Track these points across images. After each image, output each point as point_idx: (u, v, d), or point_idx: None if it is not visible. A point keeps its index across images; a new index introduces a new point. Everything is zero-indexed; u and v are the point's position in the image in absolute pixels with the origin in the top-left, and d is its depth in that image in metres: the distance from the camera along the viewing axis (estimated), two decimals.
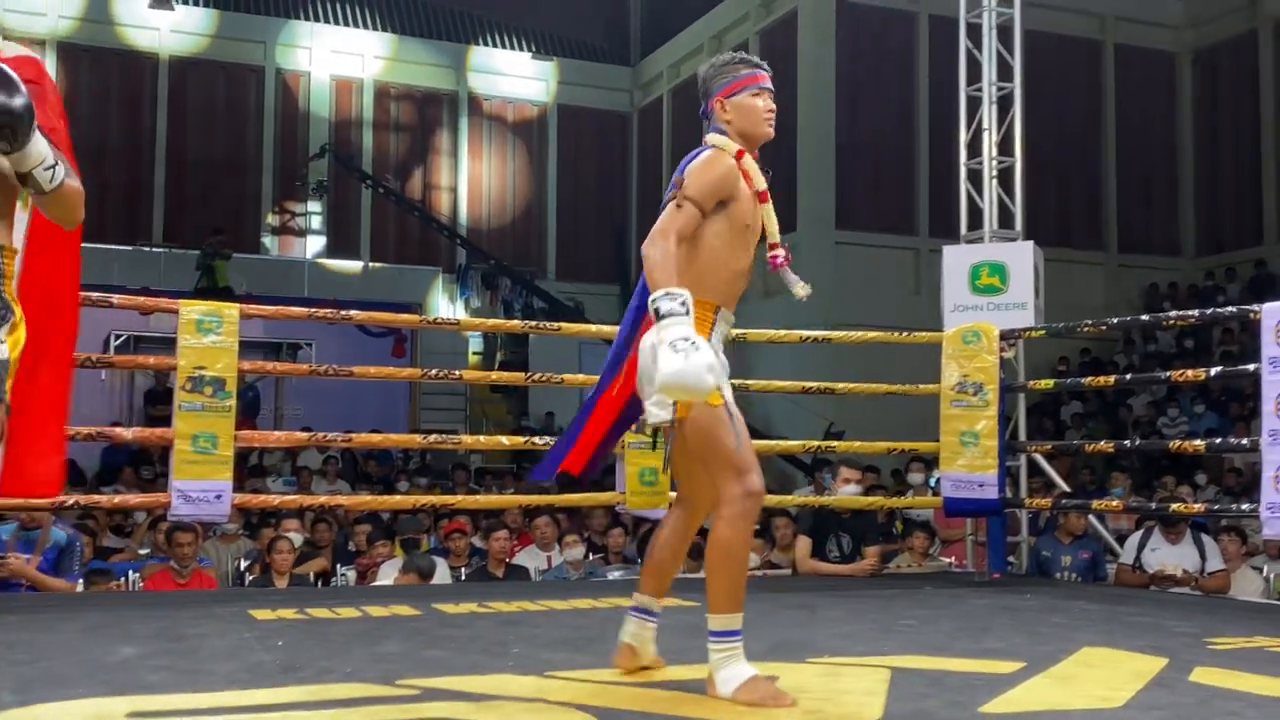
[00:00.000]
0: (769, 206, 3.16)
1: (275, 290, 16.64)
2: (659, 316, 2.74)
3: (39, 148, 2.46)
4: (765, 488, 2.97)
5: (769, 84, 3.22)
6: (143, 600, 5.51)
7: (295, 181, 20.25)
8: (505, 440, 7.16)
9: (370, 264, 20.20)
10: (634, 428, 3.41)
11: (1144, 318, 7.50)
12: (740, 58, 3.25)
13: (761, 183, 3.16)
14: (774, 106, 3.20)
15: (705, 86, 3.25)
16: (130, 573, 6.96)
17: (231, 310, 5.40)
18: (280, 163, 20.42)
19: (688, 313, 2.74)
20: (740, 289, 3.18)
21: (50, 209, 2.64)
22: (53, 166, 2.50)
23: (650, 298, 2.81)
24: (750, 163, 3.15)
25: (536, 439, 7.59)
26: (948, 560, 7.72)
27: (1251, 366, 5.38)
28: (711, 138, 3.18)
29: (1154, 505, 7.05)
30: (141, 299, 5.73)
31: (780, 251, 3.20)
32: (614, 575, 7.12)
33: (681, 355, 2.64)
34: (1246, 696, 3.08)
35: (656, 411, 2.89)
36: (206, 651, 3.60)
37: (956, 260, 7.40)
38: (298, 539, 7.45)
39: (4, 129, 2.38)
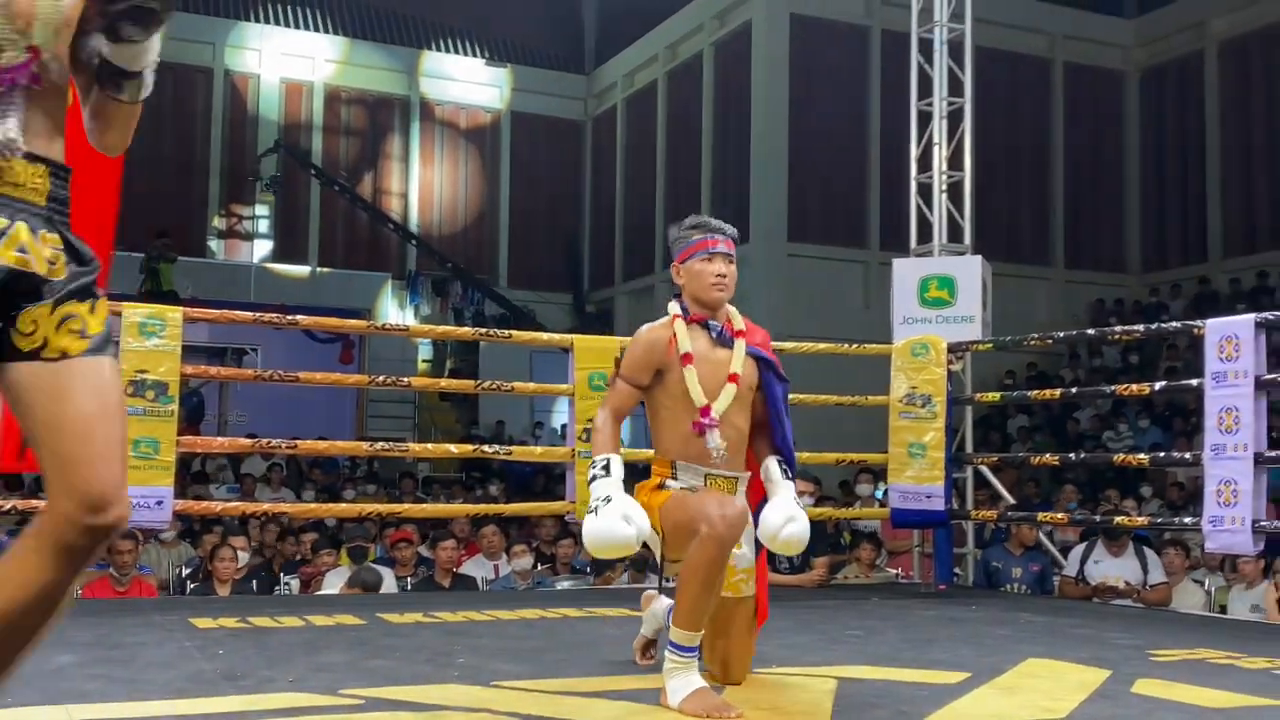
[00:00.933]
0: (690, 370, 3.20)
1: (221, 295, 16.48)
2: (589, 482, 3.07)
3: (158, 40, 1.95)
4: (741, 509, 3.02)
5: (723, 248, 3.29)
6: (80, 608, 5.41)
7: (249, 177, 20.04)
8: (454, 449, 7.12)
9: (318, 269, 20.05)
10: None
11: (1090, 332, 7.60)
12: (698, 222, 3.35)
13: (687, 345, 3.23)
14: (724, 271, 3.27)
15: (669, 251, 3.40)
16: None
17: (175, 314, 5.33)
18: (228, 166, 20.22)
19: (608, 473, 3.05)
20: (703, 446, 3.20)
21: (119, 125, 2.02)
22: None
23: None
24: (681, 328, 3.25)
25: (486, 447, 7.55)
26: (894, 571, 7.77)
27: (1195, 381, 5.47)
28: (670, 305, 3.36)
29: (1098, 518, 7.13)
30: None
31: (703, 420, 3.19)
32: (562, 585, 7.10)
33: (593, 514, 2.97)
34: (1189, 708, 3.12)
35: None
36: (145, 660, 3.54)
37: (906, 273, 7.46)
38: (244, 557, 7.37)
39: (150, 11, 1.87)
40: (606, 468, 3.06)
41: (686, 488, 3.17)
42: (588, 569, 7.66)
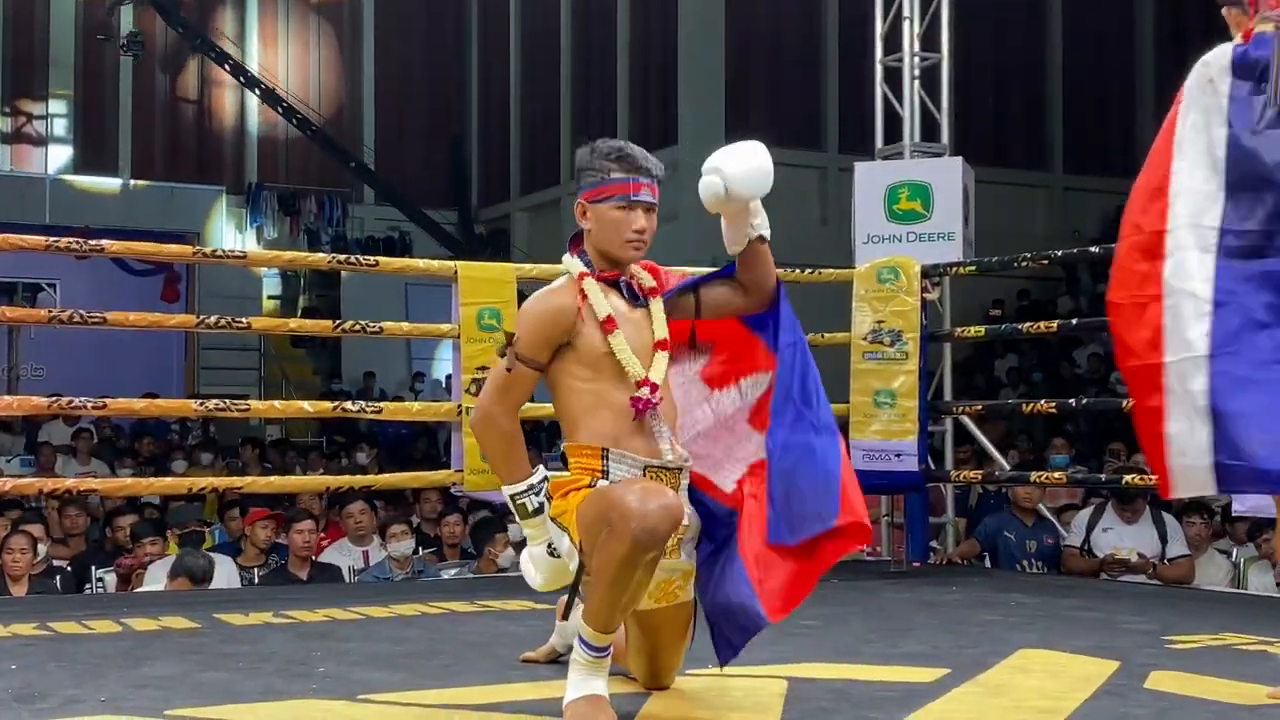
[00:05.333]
0: (618, 336, 3.14)
1: (7, 215, 16.14)
2: (528, 514, 3.17)
3: None
4: (672, 504, 2.93)
5: (647, 195, 3.19)
6: None
7: (98, 36, 19.49)
8: (308, 406, 7.04)
9: (132, 182, 19.71)
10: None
11: (1094, 250, 7.67)
12: (620, 152, 3.21)
13: (605, 307, 3.16)
14: (645, 225, 3.19)
15: (576, 177, 3.29)
16: None
17: None
18: (12, 51, 19.71)
19: (538, 510, 3.15)
20: (638, 427, 3.17)
21: None
22: None
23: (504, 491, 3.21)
24: (593, 288, 3.18)
25: (349, 404, 7.48)
26: (859, 547, 7.87)
27: None
28: (565, 259, 3.27)
29: (1103, 477, 7.26)
30: None
31: (644, 393, 3.13)
32: (449, 574, 7.10)
33: (553, 560, 3.17)
34: (1211, 705, 3.20)
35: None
36: None
37: (870, 180, 7.48)
38: (41, 549, 7.28)
39: None
40: (537, 503, 3.15)
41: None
42: (478, 555, 7.67)
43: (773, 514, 3.14)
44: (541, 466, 3.18)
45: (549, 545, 3.15)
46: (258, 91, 20.18)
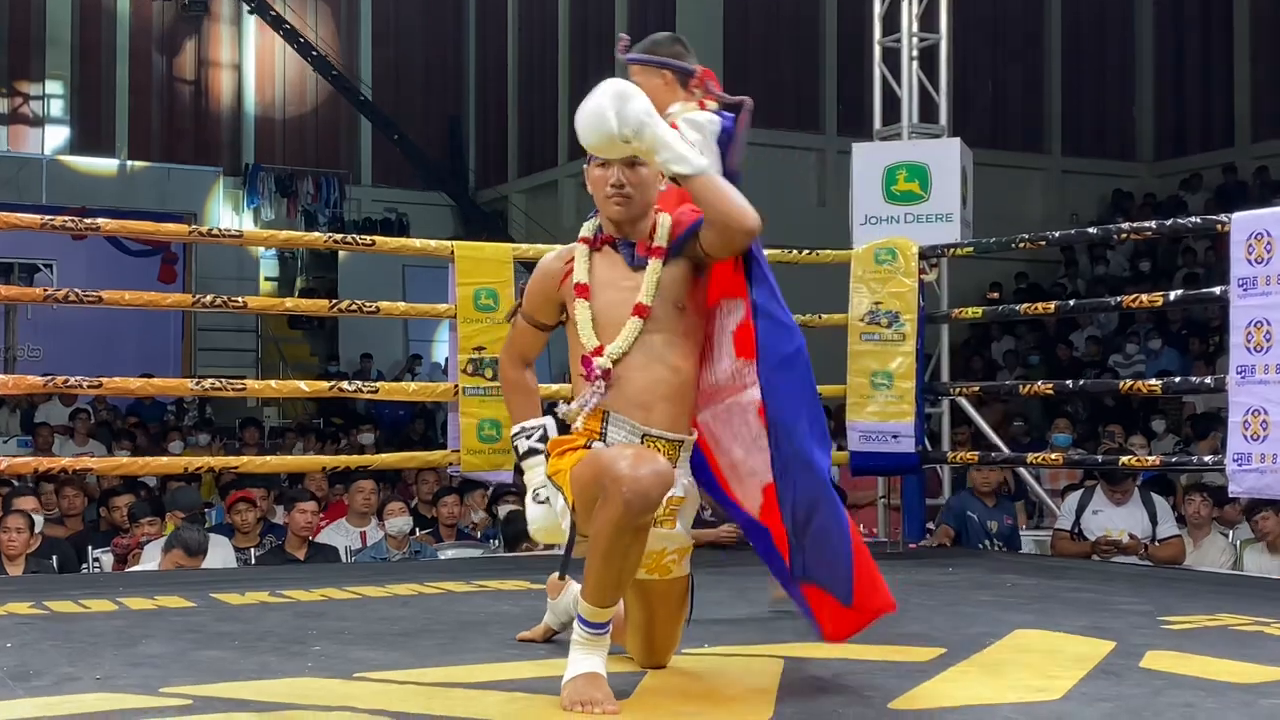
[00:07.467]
0: (581, 304, 3.19)
1: (3, 196, 16.12)
2: (519, 457, 3.23)
3: None
4: (662, 471, 2.92)
5: None
6: None
7: None
8: (304, 385, 7.04)
9: (129, 163, 19.68)
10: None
11: (1092, 231, 7.68)
12: None
13: (583, 274, 3.21)
14: (622, 179, 3.15)
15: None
16: None
17: None
18: (8, 31, 19.66)
19: (544, 452, 3.18)
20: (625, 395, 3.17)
21: None
22: None
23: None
24: (582, 254, 3.24)
25: (345, 384, 7.47)
26: None
27: (1218, 290, 5.55)
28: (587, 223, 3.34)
29: (1099, 458, 7.26)
30: None
31: (595, 365, 3.13)
32: (447, 554, 7.11)
33: (544, 506, 3.16)
34: (1207, 684, 3.20)
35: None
36: None
37: (868, 161, 7.47)
38: (38, 521, 7.28)
39: None
40: (543, 441, 3.17)
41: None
42: (491, 538, 7.68)
43: (793, 543, 3.22)
44: (549, 418, 3.23)
45: (534, 493, 3.18)
46: (313, 57, 19.95)
